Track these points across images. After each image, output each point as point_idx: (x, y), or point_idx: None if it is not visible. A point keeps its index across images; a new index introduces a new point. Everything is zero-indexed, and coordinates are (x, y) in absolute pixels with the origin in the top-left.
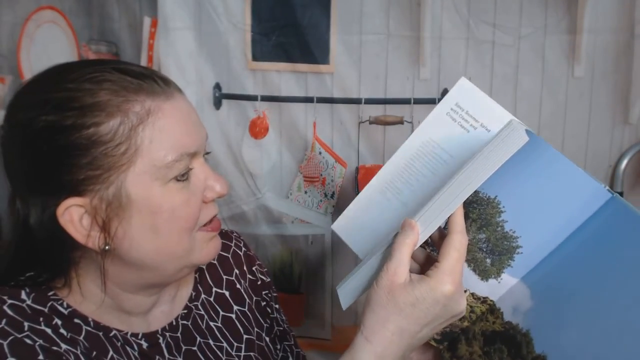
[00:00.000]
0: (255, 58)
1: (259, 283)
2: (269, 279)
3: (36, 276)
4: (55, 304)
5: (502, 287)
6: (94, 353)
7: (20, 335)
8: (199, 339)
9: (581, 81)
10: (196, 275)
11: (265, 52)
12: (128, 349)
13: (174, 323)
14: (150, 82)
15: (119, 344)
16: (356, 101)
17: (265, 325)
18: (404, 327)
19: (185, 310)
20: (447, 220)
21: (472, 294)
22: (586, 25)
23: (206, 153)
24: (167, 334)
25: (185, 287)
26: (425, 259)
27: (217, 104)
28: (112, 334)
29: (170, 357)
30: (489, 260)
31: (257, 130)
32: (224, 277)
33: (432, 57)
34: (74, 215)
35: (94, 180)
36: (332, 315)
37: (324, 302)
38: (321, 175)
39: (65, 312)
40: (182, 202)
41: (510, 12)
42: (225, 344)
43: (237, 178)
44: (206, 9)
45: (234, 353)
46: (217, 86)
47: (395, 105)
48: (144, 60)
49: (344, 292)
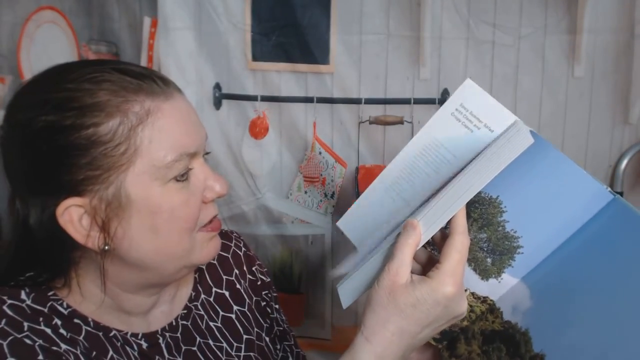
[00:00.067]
0: (255, 58)
1: (259, 283)
2: (268, 279)
3: (36, 276)
4: (55, 304)
5: (503, 287)
6: (94, 353)
7: (20, 336)
8: (198, 339)
9: (581, 81)
10: (196, 275)
11: (265, 52)
12: (128, 349)
13: (174, 323)
14: (149, 82)
15: (118, 344)
16: (356, 101)
17: (265, 325)
18: (405, 328)
19: (185, 311)
20: (449, 220)
21: (472, 294)
22: (586, 25)
23: (206, 153)
24: (167, 334)
25: (185, 287)
26: (427, 260)
27: (217, 104)
28: (112, 334)
29: (170, 357)
30: (489, 259)
31: (257, 130)
32: (224, 277)
33: (432, 57)
34: (74, 216)
35: (94, 181)
36: (332, 315)
37: (324, 302)
38: (321, 175)
39: (65, 312)
40: (182, 202)
41: (510, 12)
42: (225, 344)
43: (237, 178)
44: (206, 9)
45: (233, 353)
46: (217, 86)
47: (395, 105)
48: (144, 60)
49: (345, 291)
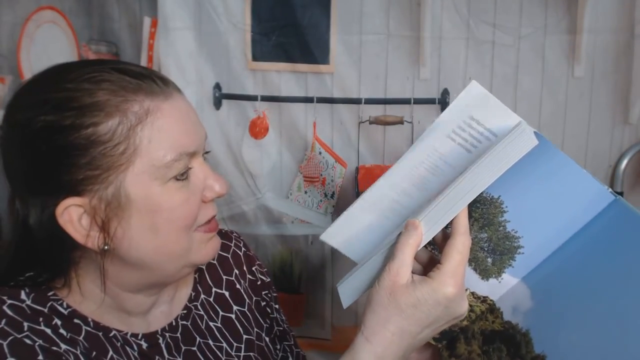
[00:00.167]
0: (255, 58)
1: (259, 283)
2: (268, 279)
3: (36, 276)
4: (55, 304)
5: (503, 287)
6: (94, 353)
7: (19, 336)
8: (198, 339)
9: (581, 81)
10: (196, 275)
11: (265, 52)
12: (128, 349)
13: (174, 323)
14: (149, 82)
15: (118, 344)
16: (356, 101)
17: (265, 325)
18: (405, 328)
19: (184, 311)
20: (451, 220)
21: (472, 293)
22: (586, 25)
23: (205, 152)
24: (167, 334)
25: (185, 288)
26: (428, 260)
27: (217, 104)
28: (112, 334)
29: (170, 358)
30: (490, 259)
31: (257, 130)
32: (224, 277)
33: (432, 57)
34: (73, 215)
35: (93, 180)
36: (332, 315)
37: (324, 302)
38: (321, 175)
39: (65, 312)
40: (182, 202)
41: (510, 12)
42: (224, 344)
43: (237, 178)
44: (206, 9)
45: (233, 353)
46: (217, 86)
47: (395, 105)
48: (143, 60)
49: (345, 291)
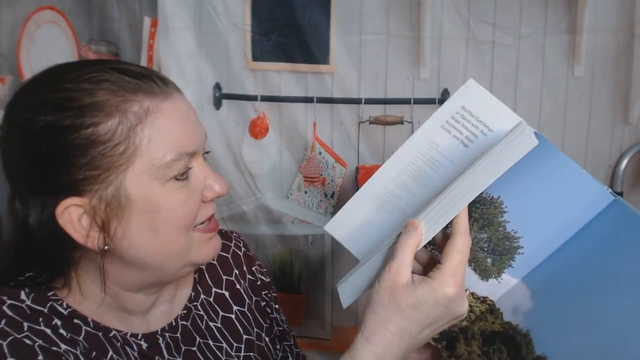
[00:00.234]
0: (255, 58)
1: (259, 283)
2: (268, 279)
3: (36, 276)
4: (54, 304)
5: (503, 287)
6: (94, 353)
7: (19, 336)
8: (198, 339)
9: (581, 81)
10: (195, 275)
11: (265, 52)
12: (128, 349)
13: (174, 323)
14: (148, 82)
15: (118, 345)
16: (356, 101)
17: (265, 325)
18: (405, 328)
19: (184, 311)
20: (451, 220)
21: (472, 294)
22: (586, 25)
23: (205, 152)
24: (167, 335)
25: (185, 288)
26: (428, 260)
27: (217, 104)
28: (112, 335)
29: (170, 358)
30: (489, 260)
31: (257, 130)
32: (224, 278)
33: (432, 57)
34: (73, 215)
35: (93, 180)
36: (332, 315)
37: (324, 302)
38: (321, 175)
39: (65, 313)
40: (182, 201)
41: (510, 12)
42: (224, 345)
43: (237, 178)
44: (206, 9)
45: (233, 353)
46: (217, 86)
47: (395, 105)
48: (144, 60)
49: (345, 290)
